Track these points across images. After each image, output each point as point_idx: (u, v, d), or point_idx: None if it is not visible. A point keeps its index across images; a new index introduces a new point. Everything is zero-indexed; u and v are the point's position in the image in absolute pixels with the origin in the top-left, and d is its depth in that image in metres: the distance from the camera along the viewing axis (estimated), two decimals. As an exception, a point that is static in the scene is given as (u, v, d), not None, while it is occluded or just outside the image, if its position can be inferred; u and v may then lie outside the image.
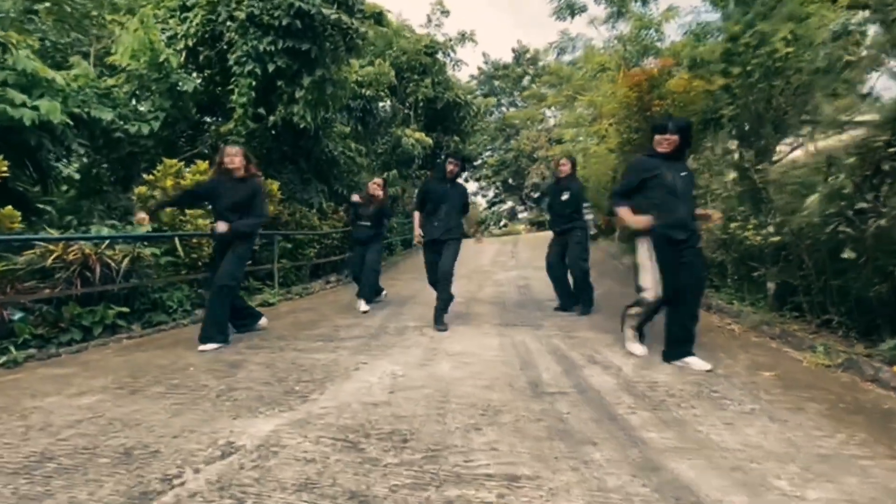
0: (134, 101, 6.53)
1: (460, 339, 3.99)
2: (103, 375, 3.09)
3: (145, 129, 6.25)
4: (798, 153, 3.90)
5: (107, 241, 5.01)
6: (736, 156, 4.59)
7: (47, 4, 7.39)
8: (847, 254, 2.76)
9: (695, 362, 3.05)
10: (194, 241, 5.94)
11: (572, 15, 11.87)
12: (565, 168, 5.25)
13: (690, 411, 2.39)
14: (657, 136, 3.12)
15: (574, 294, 5.20)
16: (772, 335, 3.77)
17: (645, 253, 3.11)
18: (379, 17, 7.25)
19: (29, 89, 5.25)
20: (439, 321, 4.39)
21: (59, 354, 4.01)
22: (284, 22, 6.27)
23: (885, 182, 2.64)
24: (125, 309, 4.99)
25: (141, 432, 2.08)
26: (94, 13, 7.73)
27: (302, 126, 6.84)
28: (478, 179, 36.16)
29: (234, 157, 3.87)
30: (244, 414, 2.29)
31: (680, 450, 1.97)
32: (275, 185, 7.27)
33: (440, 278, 4.49)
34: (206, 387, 2.77)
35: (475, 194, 38.57)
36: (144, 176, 6.07)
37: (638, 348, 3.45)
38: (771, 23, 3.99)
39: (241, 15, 6.30)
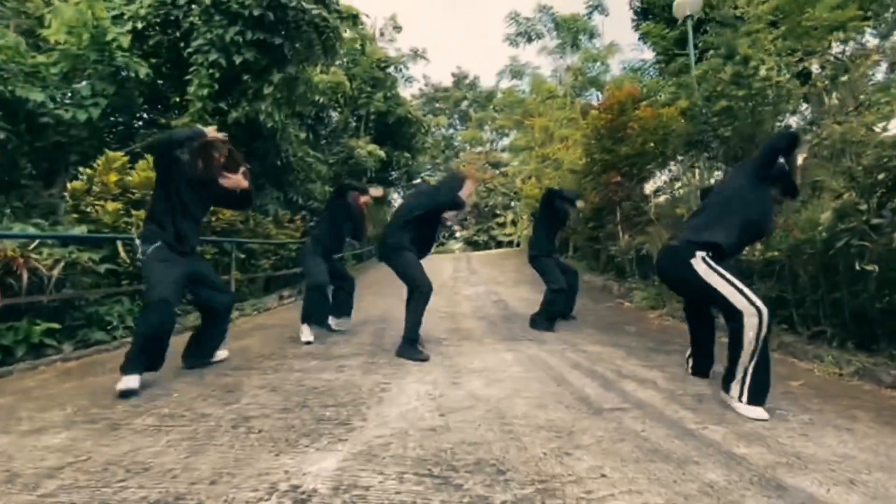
0: (67, 84, 5.61)
1: (472, 355, 3.72)
2: (57, 406, 2.44)
3: (81, 116, 5.39)
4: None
5: (35, 242, 4.16)
6: (719, 174, 4.86)
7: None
8: (870, 266, 2.91)
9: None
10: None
11: (529, 41, 12.32)
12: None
13: (757, 423, 2.32)
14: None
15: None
16: (770, 347, 3.92)
17: (714, 275, 2.51)
18: (355, 20, 6.96)
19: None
20: None
21: (-27, 381, 3.17)
22: (256, 12, 5.75)
23: (897, 199, 2.84)
24: (55, 325, 4.15)
25: (159, 479, 1.59)
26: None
27: (269, 125, 6.27)
28: (418, 197, 36.28)
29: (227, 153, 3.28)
30: (286, 449, 1.85)
31: (785, 465, 1.86)
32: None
33: None
34: (209, 416, 2.26)
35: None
36: (80, 170, 5.19)
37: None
38: (757, 52, 4.30)
39: (206, 0, 5.70)
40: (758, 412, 2.40)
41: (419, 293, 3.77)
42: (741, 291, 2.48)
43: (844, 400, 2.70)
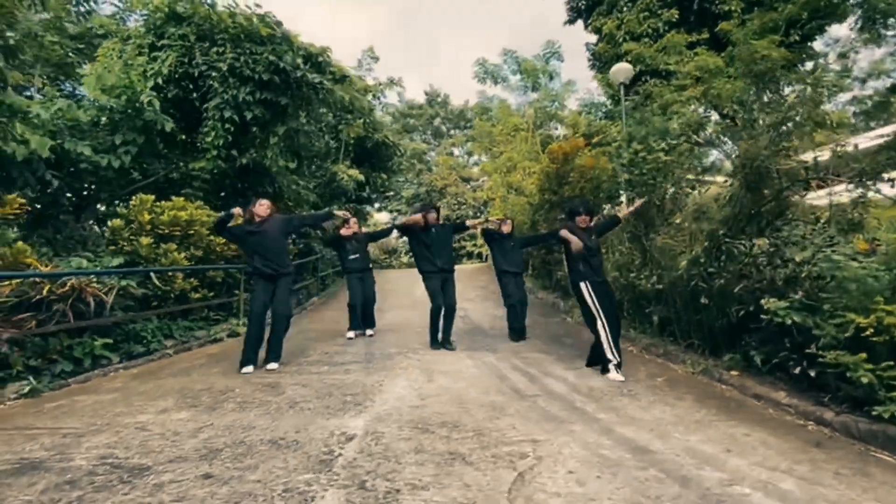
0: (98, 132, 6.65)
1: (441, 361, 5.01)
2: (159, 399, 3.58)
3: (115, 163, 6.44)
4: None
5: (92, 275, 5.20)
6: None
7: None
8: (703, 300, 4.38)
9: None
10: (169, 274, 6.22)
11: (495, 83, 13.87)
12: (508, 227, 6.78)
13: (620, 402, 3.71)
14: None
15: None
16: (657, 354, 5.38)
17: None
18: (343, 79, 8.20)
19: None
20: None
21: (68, 384, 4.24)
22: (265, 77, 6.95)
23: (723, 256, 4.33)
24: (109, 340, 5.19)
25: (264, 432, 2.81)
26: (42, 35, 7.61)
27: (274, 169, 7.45)
28: (390, 211, 37.54)
29: (264, 206, 4.70)
30: (330, 416, 3.10)
31: (621, 423, 3.23)
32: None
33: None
34: (270, 402, 3.47)
35: (386, 224, 39.96)
36: (118, 209, 6.23)
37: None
38: (653, 135, 5.82)
39: (224, 66, 6.85)
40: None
41: None
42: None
43: (684, 388, 4.14)
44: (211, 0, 7.24)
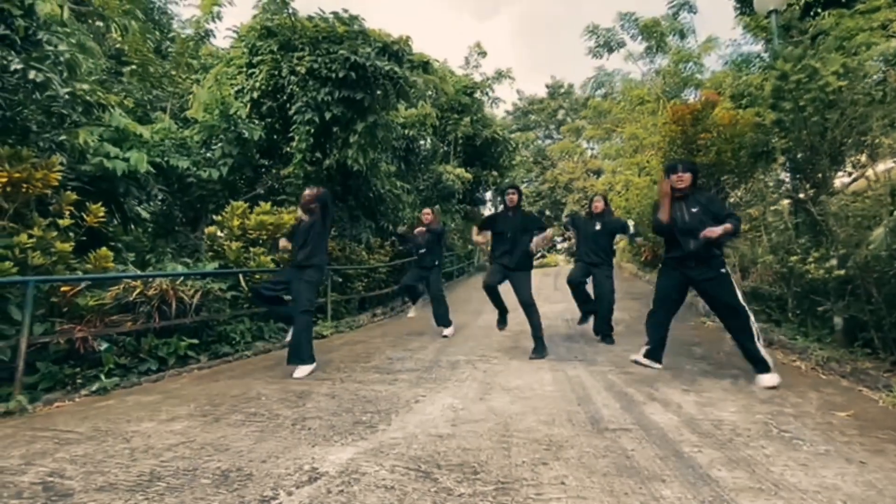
0: (204, 149, 7.15)
1: (515, 373, 4.04)
2: (185, 403, 3.35)
3: (215, 175, 6.82)
4: (858, 184, 3.82)
5: (181, 278, 5.44)
6: (789, 187, 4.53)
7: (133, 67, 8.33)
8: (920, 289, 2.67)
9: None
10: (257, 276, 6.34)
11: (610, 51, 12.11)
12: (599, 205, 5.67)
13: (760, 451, 2.34)
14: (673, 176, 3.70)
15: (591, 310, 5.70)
16: (842, 373, 3.62)
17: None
18: (426, 66, 7.75)
19: (120, 142, 5.91)
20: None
21: (140, 383, 4.35)
22: (341, 74, 6.81)
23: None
24: (195, 340, 5.35)
25: (232, 457, 2.27)
26: (174, 73, 8.61)
27: (355, 168, 7.28)
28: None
29: (306, 197, 4.40)
30: (321, 442, 2.44)
31: (754, 490, 1.95)
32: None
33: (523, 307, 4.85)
34: (280, 416, 2.96)
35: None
36: (215, 217, 6.59)
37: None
38: (820, 57, 4.02)
39: (302, 69, 6.90)
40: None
41: None
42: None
43: (886, 433, 2.53)
44: (292, 9, 7.42)
